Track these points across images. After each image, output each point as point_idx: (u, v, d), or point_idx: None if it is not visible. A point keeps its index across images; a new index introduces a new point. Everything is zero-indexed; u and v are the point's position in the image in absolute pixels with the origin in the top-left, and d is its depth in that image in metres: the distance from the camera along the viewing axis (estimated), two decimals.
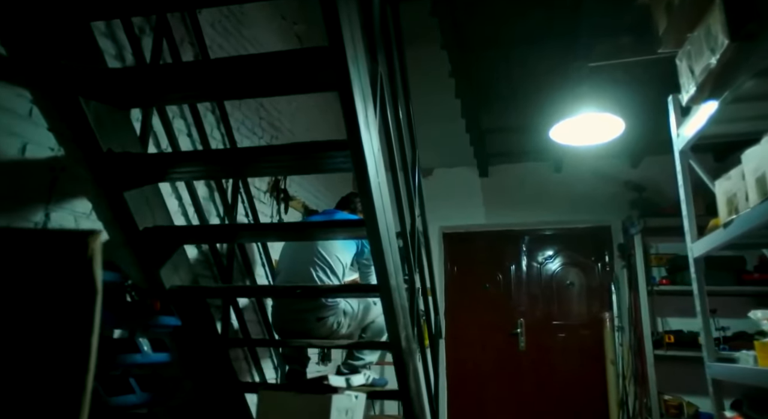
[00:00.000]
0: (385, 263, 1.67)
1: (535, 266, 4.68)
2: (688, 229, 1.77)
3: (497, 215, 4.66)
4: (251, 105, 2.98)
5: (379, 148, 1.64)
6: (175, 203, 2.17)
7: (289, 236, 1.82)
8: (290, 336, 2.12)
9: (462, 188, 4.74)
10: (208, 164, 1.73)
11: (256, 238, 1.95)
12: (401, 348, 1.88)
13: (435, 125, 4.26)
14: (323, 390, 1.38)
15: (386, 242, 1.66)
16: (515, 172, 4.68)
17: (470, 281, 4.71)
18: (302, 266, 2.10)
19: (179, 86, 1.53)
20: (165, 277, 1.90)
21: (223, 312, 2.42)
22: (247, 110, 2.91)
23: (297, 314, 2.07)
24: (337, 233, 1.72)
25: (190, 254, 2.28)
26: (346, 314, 2.11)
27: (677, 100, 1.89)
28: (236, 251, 2.64)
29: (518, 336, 4.44)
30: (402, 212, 2.08)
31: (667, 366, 3.56)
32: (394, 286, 1.77)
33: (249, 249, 2.80)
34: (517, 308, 4.56)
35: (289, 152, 1.57)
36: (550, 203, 4.51)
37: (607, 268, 4.44)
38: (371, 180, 1.53)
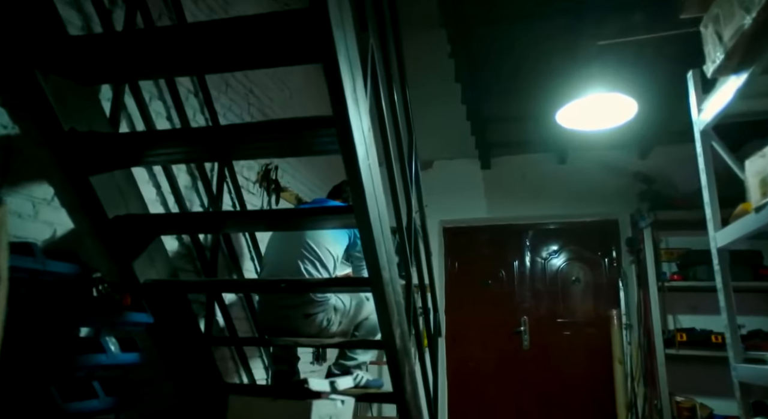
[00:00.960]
0: (376, 253, 1.54)
1: (539, 261, 4.55)
2: (711, 216, 1.64)
3: (499, 208, 4.52)
4: (239, 90, 2.84)
5: (370, 128, 1.51)
6: (152, 192, 2.03)
7: (273, 225, 1.68)
8: (277, 334, 1.99)
9: (463, 180, 4.61)
10: (185, 144, 1.59)
11: (236, 227, 1.82)
12: (395, 348, 1.75)
13: (435, 114, 4.12)
14: (303, 395, 1.25)
15: (377, 231, 1.52)
16: (518, 164, 4.54)
17: (471, 277, 4.57)
18: (289, 258, 1.97)
19: (150, 57, 1.39)
20: (139, 270, 1.77)
21: (207, 309, 2.29)
22: (234, 95, 2.77)
23: (283, 310, 1.94)
24: (325, 221, 1.59)
25: (169, 246, 2.15)
26: (336, 310, 1.98)
27: (698, 74, 1.75)
28: (222, 244, 2.51)
29: (522, 335, 4.31)
30: (397, 201, 1.94)
31: (679, 366, 3.42)
32: (387, 279, 1.63)
33: (236, 242, 2.67)
34: (521, 305, 4.43)
35: (270, 130, 1.43)
36: (555, 196, 4.37)
37: (614, 263, 4.30)
38: (360, 161, 1.39)
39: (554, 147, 4.32)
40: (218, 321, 2.48)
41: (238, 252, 2.63)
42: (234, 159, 2.36)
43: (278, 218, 1.55)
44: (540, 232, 4.61)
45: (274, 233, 2.19)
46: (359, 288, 1.80)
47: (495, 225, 4.62)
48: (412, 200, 2.18)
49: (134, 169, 1.94)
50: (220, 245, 2.48)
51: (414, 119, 2.39)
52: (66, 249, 1.44)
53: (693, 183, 4.10)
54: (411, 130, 2.27)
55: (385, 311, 1.66)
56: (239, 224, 1.68)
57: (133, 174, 1.75)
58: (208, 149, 1.66)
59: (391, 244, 1.70)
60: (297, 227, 1.71)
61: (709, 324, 3.50)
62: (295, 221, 1.54)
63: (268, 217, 1.58)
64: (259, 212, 1.90)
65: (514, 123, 3.84)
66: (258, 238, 2.77)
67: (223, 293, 2.51)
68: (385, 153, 1.87)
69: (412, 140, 2.28)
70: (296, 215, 1.55)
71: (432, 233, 4.52)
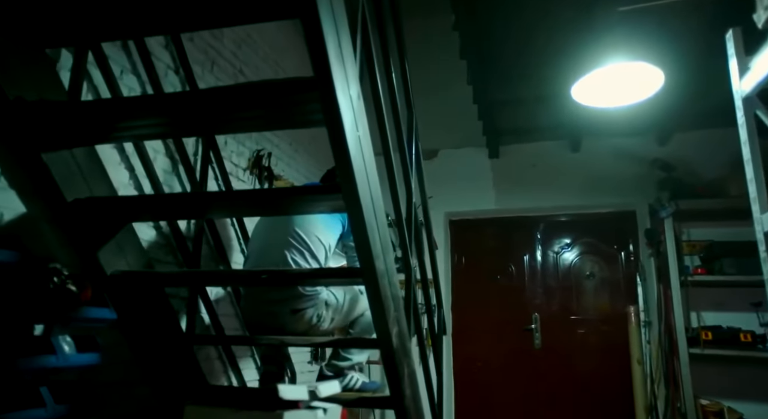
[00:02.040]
0: (368, 240, 1.35)
1: (551, 255, 4.35)
2: (756, 195, 1.44)
3: (509, 199, 4.32)
4: (228, 70, 2.66)
5: (360, 96, 1.32)
6: (124, 175, 1.86)
7: (246, 207, 1.50)
8: (262, 332, 1.82)
9: (470, 170, 4.41)
10: (155, 113, 1.40)
11: (206, 210, 1.64)
12: (392, 347, 1.56)
13: (439, 99, 3.93)
14: (273, 404, 1.08)
15: (369, 214, 1.34)
16: (528, 152, 4.33)
17: (479, 272, 4.38)
18: (275, 248, 1.79)
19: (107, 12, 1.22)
20: (105, 261, 1.60)
21: (188, 305, 2.12)
22: (222, 74, 2.60)
23: (268, 305, 1.77)
24: (308, 204, 1.41)
25: (146, 235, 1.98)
26: (328, 305, 1.80)
27: (739, 34, 1.54)
28: (207, 234, 2.35)
29: (533, 333, 4.11)
30: (395, 187, 1.75)
31: (704, 367, 3.21)
32: (382, 270, 1.45)
33: (224, 232, 2.50)
34: (532, 301, 4.23)
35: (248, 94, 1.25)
36: (568, 186, 4.17)
37: (631, 257, 4.09)
38: (347, 131, 1.21)
39: (567, 134, 4.10)
40: (203, 317, 2.32)
41: (225, 244, 2.46)
42: (214, 133, 2.18)
43: (251, 200, 1.37)
44: (552, 224, 4.40)
45: (259, 221, 2.01)
46: (351, 281, 1.62)
47: (504, 218, 4.42)
48: (412, 186, 1.99)
49: (103, 150, 1.77)
50: (205, 235, 2.32)
51: (417, 103, 2.21)
52: (8, 233, 1.27)
53: (716, 170, 3.94)
54: (411, 106, 2.08)
55: (379, 307, 1.48)
56: (208, 206, 1.50)
57: (98, 153, 1.58)
58: (183, 120, 1.47)
59: (386, 231, 1.51)
60: (275, 210, 1.53)
61: (737, 322, 3.29)
62: (270, 202, 1.36)
63: (239, 198, 1.40)
64: (229, 193, 1.72)
65: (524, 106, 3.62)
66: (248, 228, 2.61)
67: (209, 288, 2.35)
68: (380, 133, 1.68)
69: (413, 118, 2.09)
70: (272, 195, 1.37)
71: (437, 226, 4.33)
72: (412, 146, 2.08)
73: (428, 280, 2.25)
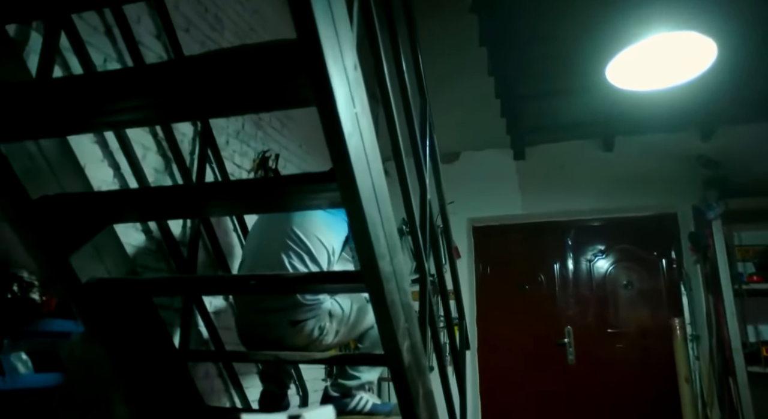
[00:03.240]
0: (368, 236, 1.14)
1: (584, 263, 4.06)
2: None
3: (536, 204, 4.06)
4: None
5: (356, 66, 1.13)
6: (107, 173, 1.71)
7: (231, 204, 1.31)
8: (258, 346, 1.63)
9: (494, 173, 4.17)
10: (130, 91, 1.23)
11: (186, 206, 1.45)
12: (402, 364, 1.34)
13: (459, 96, 3.73)
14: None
15: (370, 206, 1.13)
16: (556, 152, 4.08)
17: (505, 282, 4.11)
18: (270, 250, 1.61)
19: None
20: (80, 267, 1.43)
21: (183, 316, 1.95)
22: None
23: (263, 316, 1.57)
24: (301, 196, 1.22)
25: (134, 240, 1.82)
26: (332, 316, 1.60)
27: None
28: (205, 239, 2.18)
29: (566, 347, 3.81)
30: (405, 184, 1.55)
31: (766, 388, 2.87)
32: (388, 272, 1.23)
33: (224, 237, 2.33)
34: (564, 313, 3.93)
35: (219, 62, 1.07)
36: (600, 189, 3.89)
37: (673, 264, 3.76)
38: (339, 106, 1.01)
39: (598, 132, 3.84)
40: (201, 331, 2.15)
41: (226, 250, 2.29)
42: (209, 117, 2.00)
43: (231, 192, 1.18)
44: (583, 230, 4.12)
45: (255, 222, 1.84)
46: (356, 287, 1.42)
47: (531, 223, 4.17)
48: (426, 181, 1.79)
49: (83, 145, 1.63)
50: (202, 240, 2.15)
51: (433, 102, 2.01)
52: None
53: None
54: (424, 92, 1.88)
55: (385, 316, 1.26)
56: (187, 201, 1.31)
57: (71, 146, 1.43)
58: (164, 106, 1.30)
59: (393, 227, 1.30)
60: (260, 204, 1.34)
61: None
62: (253, 194, 1.17)
63: (218, 191, 1.21)
64: (223, 184, 1.52)
65: (551, 100, 3.37)
66: None
67: (208, 299, 2.18)
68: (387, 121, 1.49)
69: (426, 106, 1.89)
70: (255, 186, 1.18)
71: (459, 233, 4.10)
72: (426, 137, 1.88)
73: (447, 289, 2.02)
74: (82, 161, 1.59)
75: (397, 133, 1.52)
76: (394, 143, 1.53)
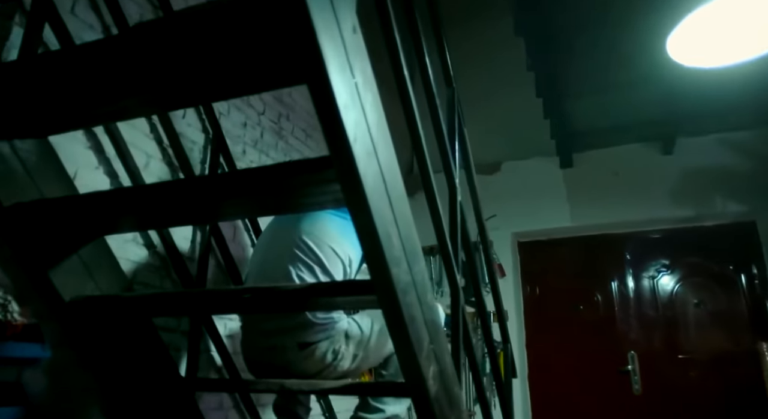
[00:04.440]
0: (377, 234, 0.93)
1: (646, 280, 3.65)
2: None
3: (587, 215, 3.72)
4: None
5: (356, 28, 0.93)
6: (103, 182, 1.58)
7: (247, 200, 1.12)
8: (264, 373, 1.42)
9: (539, 183, 3.87)
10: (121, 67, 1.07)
11: (189, 214, 1.27)
12: (427, 394, 1.09)
13: (499, 101, 3.50)
14: None
15: (378, 196, 0.92)
16: (608, 158, 3.74)
17: (557, 302, 3.76)
18: (277, 263, 1.41)
19: None
20: (63, 284, 1.28)
21: (190, 339, 1.78)
22: None
23: (269, 338, 1.37)
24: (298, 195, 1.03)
25: (134, 255, 1.68)
26: (349, 338, 1.38)
27: None
28: (217, 254, 2.02)
29: (630, 375, 3.39)
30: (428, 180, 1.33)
31: None
32: (404, 282, 1.01)
33: (239, 252, 2.17)
34: (626, 337, 3.52)
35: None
36: (660, 196, 3.52)
37: (755, 280, 3.31)
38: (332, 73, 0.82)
39: (656, 133, 3.50)
40: (213, 356, 1.97)
41: (241, 267, 2.13)
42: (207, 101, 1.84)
43: (245, 182, 1.00)
44: (643, 243, 3.72)
45: (263, 233, 1.65)
46: (369, 301, 1.19)
47: (583, 236, 3.82)
48: (455, 181, 1.56)
49: (74, 149, 1.51)
50: (214, 256, 2.00)
51: (468, 109, 1.81)
52: None
53: None
54: (450, 78, 1.67)
55: (403, 336, 1.03)
56: (193, 198, 1.14)
57: (53, 148, 1.30)
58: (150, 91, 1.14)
59: (411, 229, 1.08)
60: (275, 203, 1.15)
61: None
62: (266, 184, 0.99)
63: (230, 181, 1.03)
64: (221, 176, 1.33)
65: (600, 97, 3.06)
66: None
67: (222, 321, 2.01)
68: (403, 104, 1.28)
69: (454, 95, 1.68)
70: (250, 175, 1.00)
71: (503, 248, 3.81)
72: (455, 130, 1.66)
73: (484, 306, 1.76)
74: (73, 166, 1.47)
75: (415, 120, 1.31)
76: (413, 131, 1.32)
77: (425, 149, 1.33)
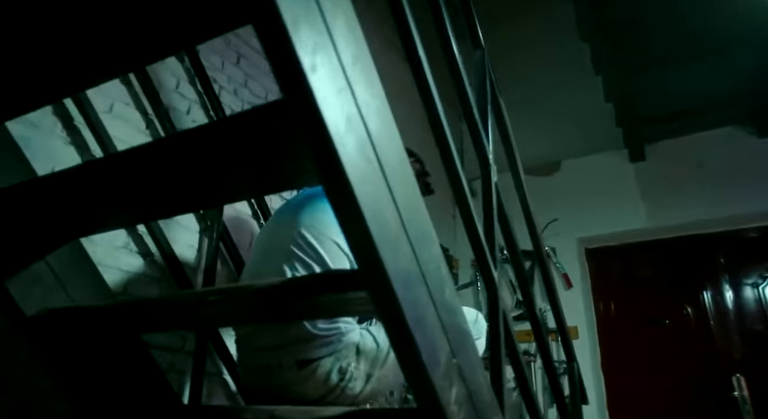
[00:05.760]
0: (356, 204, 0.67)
1: (747, 288, 3.12)
2: None
3: (667, 214, 3.27)
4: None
5: None
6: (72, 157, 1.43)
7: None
8: (260, 399, 1.19)
9: (606, 181, 3.48)
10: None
11: (190, 197, 1.06)
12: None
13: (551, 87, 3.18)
14: None
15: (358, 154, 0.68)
16: (687, 147, 3.29)
17: (636, 315, 3.29)
18: (272, 263, 1.19)
19: None
20: (24, 295, 1.12)
21: (195, 358, 1.59)
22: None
23: (263, 355, 1.13)
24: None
25: (126, 265, 1.52)
26: (361, 353, 1.11)
27: None
28: (229, 263, 1.84)
29: (739, 403, 2.86)
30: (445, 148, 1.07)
31: None
32: (405, 272, 0.74)
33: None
34: (728, 356, 2.99)
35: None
36: (759, 188, 3.02)
37: None
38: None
39: (748, 111, 3.02)
40: (226, 380, 1.77)
41: None
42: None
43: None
44: (741, 244, 3.20)
45: (260, 231, 1.45)
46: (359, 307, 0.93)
47: (663, 239, 3.35)
48: (488, 155, 1.29)
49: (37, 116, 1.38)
50: (226, 264, 1.82)
51: (516, 99, 1.55)
52: None
53: None
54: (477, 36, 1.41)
55: (407, 345, 0.76)
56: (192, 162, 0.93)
57: (10, 133, 1.17)
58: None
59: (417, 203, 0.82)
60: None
61: None
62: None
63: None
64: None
65: (675, 71, 2.64)
66: None
67: (231, 335, 1.81)
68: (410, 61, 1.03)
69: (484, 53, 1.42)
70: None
71: (568, 256, 3.42)
72: (486, 99, 1.39)
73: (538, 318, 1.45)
74: (50, 164, 1.34)
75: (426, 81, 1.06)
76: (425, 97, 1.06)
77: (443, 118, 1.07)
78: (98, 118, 1.46)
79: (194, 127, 0.76)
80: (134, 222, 1.45)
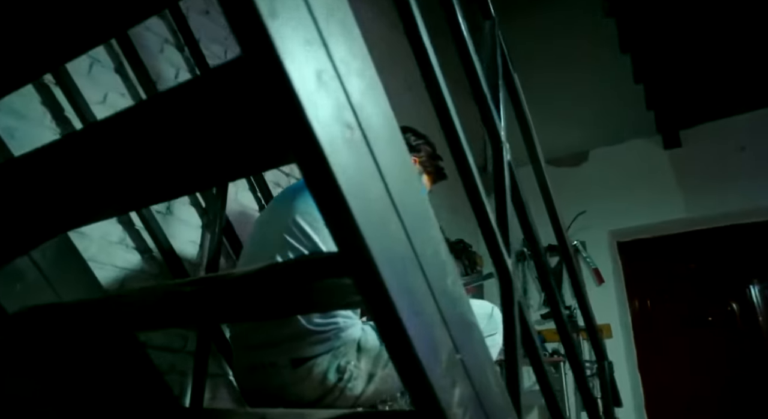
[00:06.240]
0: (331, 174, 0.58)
1: None
2: None
3: (706, 204, 3.07)
4: None
5: None
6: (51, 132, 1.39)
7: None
8: (258, 401, 1.11)
9: (638, 170, 3.30)
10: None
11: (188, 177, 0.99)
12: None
13: (575, 69, 3.02)
14: None
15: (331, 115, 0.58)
16: (727, 131, 3.09)
17: (674, 313, 3.10)
18: (265, 253, 1.11)
19: None
20: (6, 292, 1.08)
21: (196, 359, 1.52)
22: None
23: (257, 354, 1.05)
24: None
25: (122, 261, 1.46)
26: (362, 350, 1.02)
27: None
28: (228, 250, 1.78)
29: None
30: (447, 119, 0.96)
31: None
32: (393, 253, 0.64)
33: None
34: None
35: None
36: None
37: None
38: None
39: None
40: (232, 381, 1.70)
41: None
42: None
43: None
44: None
45: (258, 217, 1.36)
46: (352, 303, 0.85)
47: (703, 230, 3.15)
48: (499, 131, 1.19)
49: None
50: (231, 259, 1.75)
51: (540, 81, 1.43)
52: None
53: None
54: (487, 6, 1.30)
55: (396, 335, 0.66)
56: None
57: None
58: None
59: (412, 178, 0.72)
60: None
61: None
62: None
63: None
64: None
65: (713, 46, 2.45)
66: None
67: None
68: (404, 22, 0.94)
69: (494, 24, 1.30)
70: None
71: (598, 250, 3.26)
72: (497, 72, 1.28)
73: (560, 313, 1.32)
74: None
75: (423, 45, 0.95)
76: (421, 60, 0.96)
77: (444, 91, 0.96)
78: (89, 108, 1.41)
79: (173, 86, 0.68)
80: (125, 208, 1.39)
